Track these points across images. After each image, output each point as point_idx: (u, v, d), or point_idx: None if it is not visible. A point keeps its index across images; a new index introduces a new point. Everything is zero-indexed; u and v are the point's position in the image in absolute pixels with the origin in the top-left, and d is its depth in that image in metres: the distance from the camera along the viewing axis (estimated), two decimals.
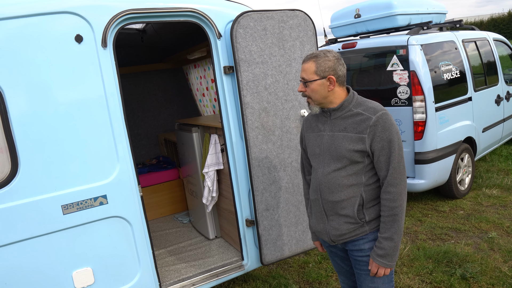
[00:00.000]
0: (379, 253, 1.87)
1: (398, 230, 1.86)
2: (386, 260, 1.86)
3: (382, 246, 1.87)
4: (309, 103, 1.97)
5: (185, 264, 3.17)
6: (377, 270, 1.90)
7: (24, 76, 2.15)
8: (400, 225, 1.86)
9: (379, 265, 1.89)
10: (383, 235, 1.87)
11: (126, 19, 2.42)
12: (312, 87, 1.88)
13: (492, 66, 5.47)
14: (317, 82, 1.87)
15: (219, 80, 2.74)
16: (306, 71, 1.89)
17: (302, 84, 1.93)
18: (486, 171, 5.63)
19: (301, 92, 1.96)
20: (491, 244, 3.69)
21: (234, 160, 2.83)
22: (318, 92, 1.89)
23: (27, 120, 2.17)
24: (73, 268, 2.35)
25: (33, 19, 2.16)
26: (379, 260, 1.87)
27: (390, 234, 1.85)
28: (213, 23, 2.66)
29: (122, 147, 2.42)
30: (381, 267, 1.89)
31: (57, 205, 2.27)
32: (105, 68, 2.35)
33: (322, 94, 1.89)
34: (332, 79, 1.87)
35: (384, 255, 1.86)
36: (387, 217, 1.85)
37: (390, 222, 1.85)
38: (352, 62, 4.89)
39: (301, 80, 1.94)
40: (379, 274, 1.91)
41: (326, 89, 1.88)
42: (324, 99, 1.91)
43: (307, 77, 1.89)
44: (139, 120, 5.10)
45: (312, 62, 1.88)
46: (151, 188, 4.44)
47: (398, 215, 1.84)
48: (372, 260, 1.91)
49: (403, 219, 1.87)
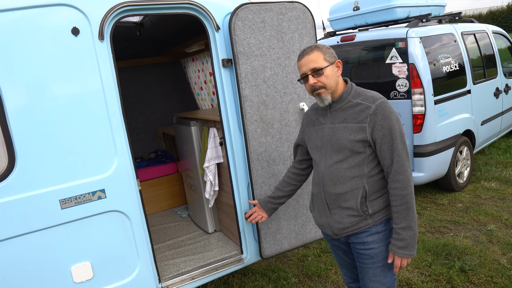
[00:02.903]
0: (400, 245, 1.83)
1: (414, 217, 1.82)
2: (408, 251, 1.82)
3: (401, 237, 1.82)
4: (321, 94, 1.90)
5: (184, 258, 3.17)
6: (400, 263, 1.86)
7: (20, 69, 2.13)
8: (414, 212, 1.82)
9: (401, 257, 1.84)
10: (400, 225, 1.82)
11: (123, 11, 2.39)
12: (327, 73, 1.88)
13: (491, 59, 5.45)
14: (329, 67, 1.89)
15: (218, 73, 2.72)
16: (315, 61, 1.87)
17: (311, 76, 1.89)
18: (485, 164, 5.63)
19: (313, 84, 1.89)
20: (489, 236, 3.70)
21: (233, 154, 2.82)
22: (333, 77, 1.90)
23: (23, 114, 2.15)
24: (72, 262, 2.34)
25: (28, 12, 2.13)
26: (401, 252, 1.82)
27: (408, 223, 1.81)
28: (211, 16, 2.63)
29: (120, 140, 2.41)
30: (404, 259, 1.85)
31: (55, 199, 2.25)
32: (102, 61, 2.32)
33: (336, 79, 1.91)
34: (340, 63, 1.93)
35: (405, 246, 1.82)
36: (400, 206, 1.82)
37: (404, 211, 1.81)
38: (351, 55, 4.86)
39: (309, 73, 1.89)
40: (402, 266, 1.87)
41: (336, 74, 1.92)
42: (337, 85, 1.93)
43: (319, 65, 1.87)
44: (137, 114, 5.07)
45: (317, 51, 1.89)
46: (149, 182, 4.42)
47: (410, 202, 1.82)
48: (392, 254, 1.87)
49: (415, 206, 1.84)
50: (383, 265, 1.95)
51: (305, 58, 1.89)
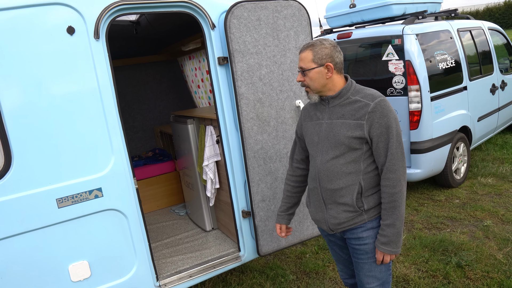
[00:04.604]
0: (383, 241, 1.88)
1: (400, 216, 1.86)
2: (391, 247, 1.88)
3: (385, 233, 1.88)
4: (308, 92, 1.96)
5: (182, 256, 3.18)
6: (382, 258, 1.92)
7: (16, 68, 2.13)
8: (401, 211, 1.87)
9: (384, 252, 1.90)
10: (385, 222, 1.88)
11: (119, 10, 2.39)
12: (311, 75, 1.88)
13: (487, 55, 5.46)
14: (315, 70, 1.87)
15: (214, 71, 2.72)
16: (303, 60, 1.89)
17: (301, 73, 1.92)
18: (482, 160, 5.65)
19: (300, 81, 1.95)
20: (486, 232, 3.72)
21: (229, 151, 2.82)
22: (317, 80, 1.89)
23: (19, 114, 2.15)
24: (69, 261, 2.35)
25: (24, 11, 2.12)
26: (384, 248, 1.88)
27: (392, 220, 1.86)
28: (207, 14, 2.63)
29: (116, 139, 2.41)
30: (386, 254, 1.90)
31: (52, 198, 2.26)
32: (98, 60, 2.32)
33: (321, 82, 1.89)
34: (330, 66, 1.87)
35: (388, 242, 1.87)
36: (388, 203, 1.86)
37: (391, 208, 1.86)
38: (348, 52, 4.87)
39: (299, 70, 1.93)
40: (385, 261, 1.92)
41: (324, 76, 1.88)
42: (323, 87, 1.91)
43: (305, 66, 1.89)
44: (135, 112, 5.07)
45: (309, 51, 1.88)
46: (147, 181, 4.43)
47: (398, 201, 1.85)
48: (377, 249, 1.93)
49: (403, 205, 1.88)
50: (376, 262, 1.97)
51: (300, 54, 1.92)
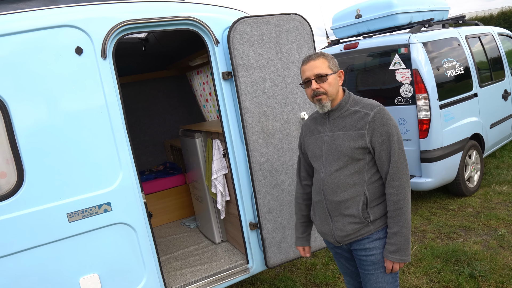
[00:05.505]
0: (391, 249, 1.88)
1: (406, 223, 1.86)
2: (399, 255, 1.87)
3: (392, 241, 1.88)
4: (322, 100, 1.93)
5: (191, 268, 3.20)
6: (392, 266, 1.91)
7: (27, 88, 2.22)
8: (407, 218, 1.87)
9: (393, 261, 1.89)
10: (391, 230, 1.88)
11: (124, 30, 2.48)
12: (330, 80, 1.92)
13: (498, 61, 5.40)
14: (332, 75, 1.92)
15: (218, 86, 2.78)
16: (320, 67, 1.90)
17: (314, 81, 1.91)
18: (496, 167, 5.55)
19: (315, 89, 1.91)
20: (500, 241, 3.64)
21: (235, 164, 2.86)
22: (335, 86, 1.94)
23: (31, 132, 2.24)
24: (80, 274, 2.40)
25: (34, 34, 2.23)
26: (392, 257, 1.88)
27: (398, 228, 1.86)
28: (210, 30, 2.70)
29: (124, 154, 2.47)
30: (396, 263, 1.90)
31: (63, 213, 2.33)
32: (105, 78, 2.40)
33: (337, 88, 1.95)
34: (342, 73, 1.97)
35: (396, 251, 1.87)
36: (393, 211, 1.87)
37: (396, 216, 1.86)
38: (355, 63, 4.89)
39: (313, 78, 1.91)
40: (394, 270, 1.92)
41: (338, 83, 1.96)
42: (337, 94, 1.96)
43: (323, 72, 1.90)
44: (145, 127, 5.17)
45: (323, 58, 1.93)
46: (158, 194, 4.49)
47: (403, 208, 1.85)
48: (385, 258, 1.92)
49: (409, 212, 1.88)
50: (385, 271, 1.96)
51: (311, 63, 1.92)
